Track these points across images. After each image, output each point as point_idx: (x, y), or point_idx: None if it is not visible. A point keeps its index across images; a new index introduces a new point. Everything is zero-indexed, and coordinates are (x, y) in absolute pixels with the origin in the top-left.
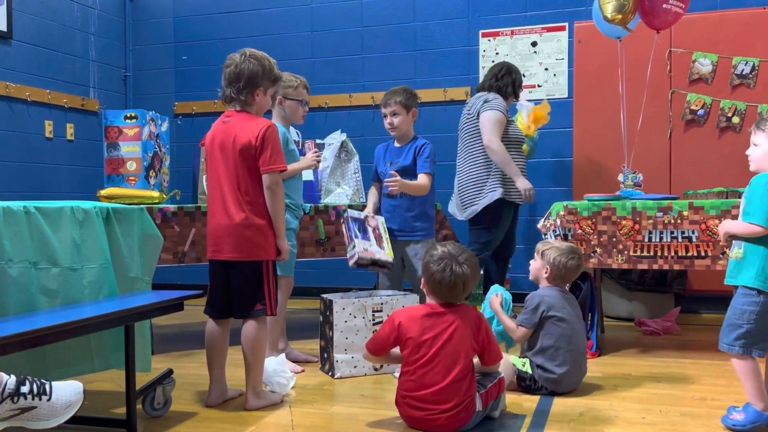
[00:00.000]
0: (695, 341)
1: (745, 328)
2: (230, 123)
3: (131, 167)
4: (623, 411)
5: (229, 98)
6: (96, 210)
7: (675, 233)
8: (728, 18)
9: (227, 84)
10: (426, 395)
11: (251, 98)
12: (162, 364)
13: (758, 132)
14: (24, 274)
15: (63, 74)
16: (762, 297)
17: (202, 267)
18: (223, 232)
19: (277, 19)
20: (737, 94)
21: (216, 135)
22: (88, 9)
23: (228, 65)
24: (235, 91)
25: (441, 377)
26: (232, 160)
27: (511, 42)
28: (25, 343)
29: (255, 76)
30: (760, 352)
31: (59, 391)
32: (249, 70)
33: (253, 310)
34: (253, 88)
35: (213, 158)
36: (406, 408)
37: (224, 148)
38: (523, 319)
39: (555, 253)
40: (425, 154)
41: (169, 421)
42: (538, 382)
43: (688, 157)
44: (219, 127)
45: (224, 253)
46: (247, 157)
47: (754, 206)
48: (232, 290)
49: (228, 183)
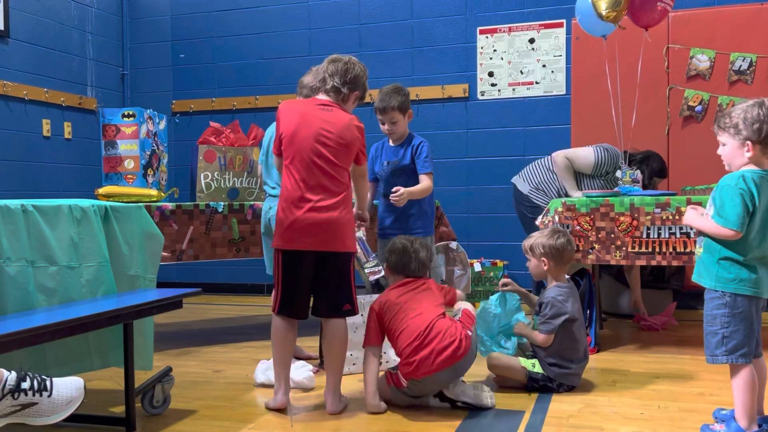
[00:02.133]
0: (693, 337)
1: (720, 335)
2: (332, 113)
3: (129, 165)
4: (622, 407)
5: (332, 88)
6: (94, 208)
7: (673, 229)
8: (726, 14)
9: (332, 74)
10: (423, 340)
11: (348, 97)
12: (161, 362)
13: (720, 132)
14: (21, 272)
15: (60, 73)
16: (727, 298)
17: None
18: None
19: (275, 16)
20: (735, 90)
21: (312, 120)
22: (85, 7)
23: (335, 60)
24: (340, 83)
25: (427, 317)
26: (335, 147)
27: (509, 39)
28: (22, 341)
29: (359, 80)
30: (744, 359)
31: (60, 387)
32: (356, 72)
33: (344, 309)
34: (353, 90)
35: (307, 141)
36: (409, 366)
37: (323, 134)
38: (547, 327)
39: (541, 241)
40: (424, 154)
41: (168, 419)
42: (555, 381)
43: (685, 154)
44: (315, 112)
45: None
46: (350, 150)
47: (726, 210)
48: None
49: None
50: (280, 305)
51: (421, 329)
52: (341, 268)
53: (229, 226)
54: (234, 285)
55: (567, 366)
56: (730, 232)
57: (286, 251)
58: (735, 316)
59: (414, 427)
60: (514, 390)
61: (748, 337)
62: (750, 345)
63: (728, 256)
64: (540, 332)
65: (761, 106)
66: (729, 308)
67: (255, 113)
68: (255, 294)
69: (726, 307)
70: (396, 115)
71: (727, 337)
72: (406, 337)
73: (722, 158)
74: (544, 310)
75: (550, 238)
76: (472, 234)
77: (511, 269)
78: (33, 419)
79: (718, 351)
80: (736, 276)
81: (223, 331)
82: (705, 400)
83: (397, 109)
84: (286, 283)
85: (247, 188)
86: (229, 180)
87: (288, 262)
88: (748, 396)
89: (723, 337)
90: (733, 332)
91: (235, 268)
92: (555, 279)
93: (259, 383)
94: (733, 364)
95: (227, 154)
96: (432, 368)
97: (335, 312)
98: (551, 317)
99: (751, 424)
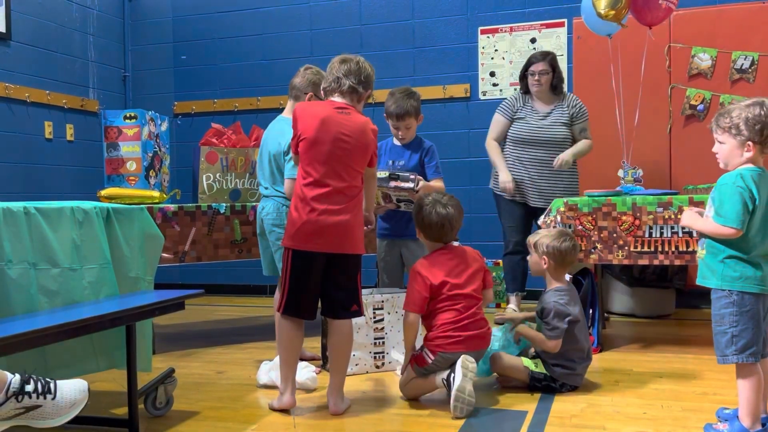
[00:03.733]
0: (696, 336)
1: (729, 334)
2: (350, 116)
3: (131, 167)
4: (625, 406)
5: (348, 88)
6: (96, 210)
7: (675, 228)
8: (727, 13)
9: (346, 74)
10: (470, 320)
11: (362, 97)
12: (163, 363)
13: (719, 131)
14: (24, 274)
15: (62, 75)
16: (735, 296)
17: (202, 266)
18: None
19: (276, 17)
20: (737, 88)
21: (330, 125)
22: (87, 9)
23: (347, 60)
24: (356, 82)
25: (473, 302)
26: (353, 151)
27: (510, 38)
28: (26, 343)
29: (370, 79)
30: (753, 358)
31: (64, 389)
32: (368, 71)
33: (351, 310)
34: (367, 89)
35: (326, 145)
36: (453, 339)
37: (342, 139)
38: (555, 333)
39: (546, 241)
40: (435, 161)
41: (171, 421)
42: (558, 381)
43: (688, 153)
44: (333, 116)
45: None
46: (366, 153)
47: (725, 208)
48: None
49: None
50: (285, 305)
51: (471, 310)
52: (351, 270)
53: (231, 227)
54: (236, 286)
55: (570, 366)
56: (730, 231)
57: (297, 251)
58: (743, 314)
59: (417, 427)
60: (517, 390)
61: (756, 335)
62: (758, 344)
63: (733, 255)
64: (548, 338)
65: (762, 106)
66: (737, 306)
67: (257, 114)
68: (257, 295)
69: (734, 305)
70: (412, 121)
71: (737, 335)
72: (455, 313)
73: (718, 156)
74: (547, 316)
75: (555, 240)
76: (473, 234)
77: None
78: (37, 422)
79: (728, 351)
80: (741, 274)
81: (226, 333)
82: (708, 399)
83: (413, 115)
84: (293, 283)
85: (249, 189)
86: (231, 181)
87: (298, 262)
88: (754, 395)
89: (732, 336)
90: (742, 331)
91: (238, 269)
92: (554, 279)
93: (262, 384)
94: (741, 363)
95: (229, 155)
96: (471, 347)
97: (343, 312)
98: (557, 322)
99: (755, 424)
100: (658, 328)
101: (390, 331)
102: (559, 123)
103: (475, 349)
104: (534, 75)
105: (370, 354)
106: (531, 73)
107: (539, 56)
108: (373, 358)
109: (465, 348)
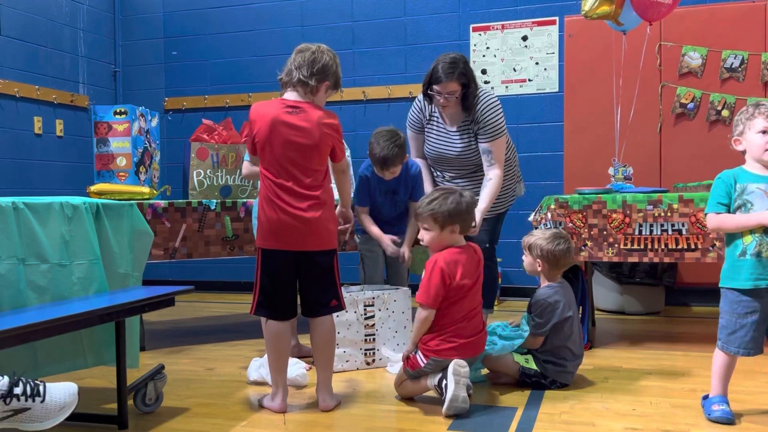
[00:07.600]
0: (685, 333)
1: None
2: (301, 114)
3: (121, 163)
4: (614, 403)
5: (298, 81)
6: (85, 206)
7: (665, 226)
8: (717, 12)
9: (298, 67)
10: (467, 323)
11: (318, 88)
12: (153, 360)
13: None
14: (12, 270)
15: (52, 70)
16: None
17: (193, 263)
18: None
19: (267, 14)
20: (727, 87)
21: (279, 127)
22: (77, 4)
23: (302, 50)
24: (307, 75)
25: (474, 304)
26: (306, 151)
27: (502, 36)
28: (15, 338)
29: (328, 69)
30: (746, 351)
31: (53, 392)
32: (324, 60)
33: (330, 306)
34: (322, 80)
35: (278, 148)
36: (448, 344)
37: (291, 141)
38: (539, 330)
39: (541, 243)
40: (419, 185)
41: (161, 417)
42: (548, 377)
43: (678, 151)
44: (281, 117)
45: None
46: (320, 151)
47: None
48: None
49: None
50: (256, 305)
51: (473, 316)
52: (324, 266)
53: (223, 223)
54: (227, 283)
55: (561, 364)
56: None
57: (265, 250)
58: None
59: (408, 424)
60: (507, 386)
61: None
62: None
63: None
64: (531, 332)
65: None
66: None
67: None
68: (248, 292)
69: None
70: (398, 169)
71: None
72: (456, 315)
73: None
74: (535, 311)
75: (550, 243)
76: None
77: (503, 265)
78: (25, 425)
79: None
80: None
81: (216, 329)
82: (696, 396)
83: (399, 164)
84: (264, 283)
85: (240, 186)
86: (221, 177)
87: (266, 261)
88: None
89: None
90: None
91: (229, 266)
92: (548, 279)
93: (251, 381)
94: None
95: (220, 151)
96: (465, 354)
97: (321, 309)
98: (541, 318)
99: None
100: (647, 325)
101: (381, 327)
102: (473, 143)
103: (468, 357)
104: (440, 96)
105: (360, 351)
106: (437, 92)
107: (446, 70)
108: (363, 354)
109: (458, 355)
